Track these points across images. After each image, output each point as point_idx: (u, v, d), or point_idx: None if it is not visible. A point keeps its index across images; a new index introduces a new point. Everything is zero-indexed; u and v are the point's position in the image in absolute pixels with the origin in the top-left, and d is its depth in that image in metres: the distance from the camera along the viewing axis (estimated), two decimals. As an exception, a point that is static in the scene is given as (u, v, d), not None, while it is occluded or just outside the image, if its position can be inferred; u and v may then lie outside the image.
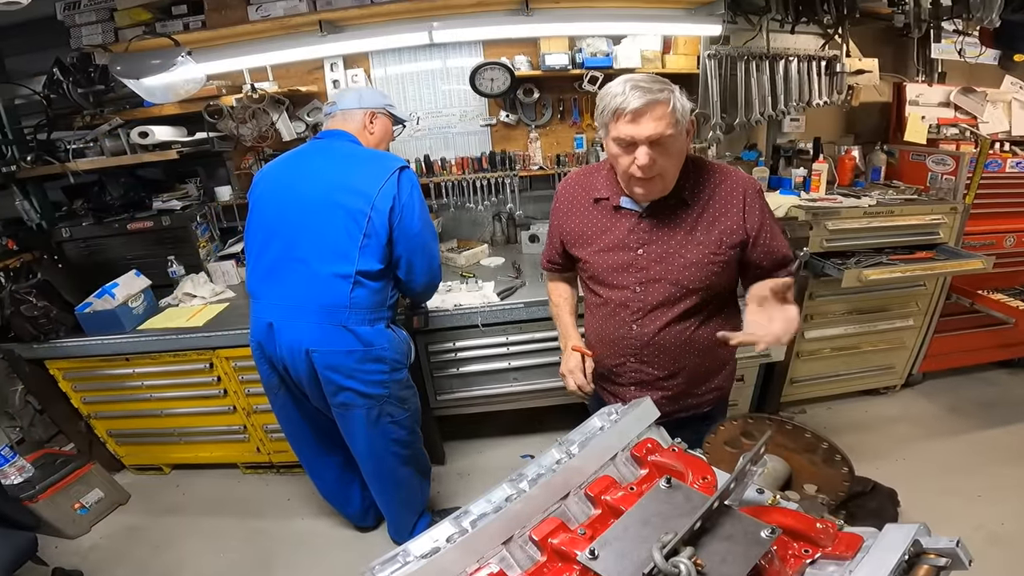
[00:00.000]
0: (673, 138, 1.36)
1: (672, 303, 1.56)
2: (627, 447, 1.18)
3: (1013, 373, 3.61)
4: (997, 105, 3.27)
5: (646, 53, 3.02)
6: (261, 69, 3.05)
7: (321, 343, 2.00)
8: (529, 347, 2.79)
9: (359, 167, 1.97)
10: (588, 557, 0.84)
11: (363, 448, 2.24)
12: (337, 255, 1.94)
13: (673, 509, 0.94)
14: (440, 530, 0.99)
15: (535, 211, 3.53)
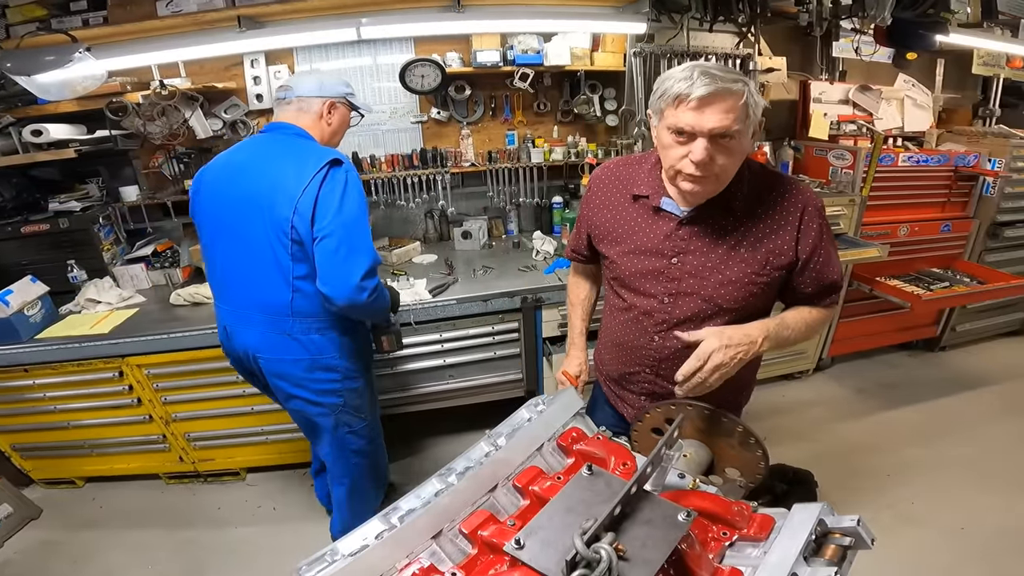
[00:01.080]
0: (739, 135, 1.19)
1: (701, 320, 1.39)
2: (553, 437, 1.20)
3: (912, 355, 3.93)
4: (891, 102, 3.55)
5: (576, 51, 3.07)
6: (172, 65, 2.87)
7: (267, 350, 1.93)
8: (464, 343, 2.78)
9: (289, 166, 1.77)
10: (514, 547, 0.84)
11: (327, 455, 2.20)
12: (272, 262, 1.80)
13: (595, 496, 0.96)
14: (369, 527, 0.96)
15: (468, 208, 3.52)
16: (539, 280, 2.80)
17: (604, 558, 0.78)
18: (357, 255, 1.75)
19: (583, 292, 1.77)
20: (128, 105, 2.76)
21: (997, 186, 3.33)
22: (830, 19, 2.72)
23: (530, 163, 3.31)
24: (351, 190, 1.76)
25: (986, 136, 3.39)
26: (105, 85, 2.55)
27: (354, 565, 0.85)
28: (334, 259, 1.72)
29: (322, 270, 1.74)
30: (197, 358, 2.49)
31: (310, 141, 1.88)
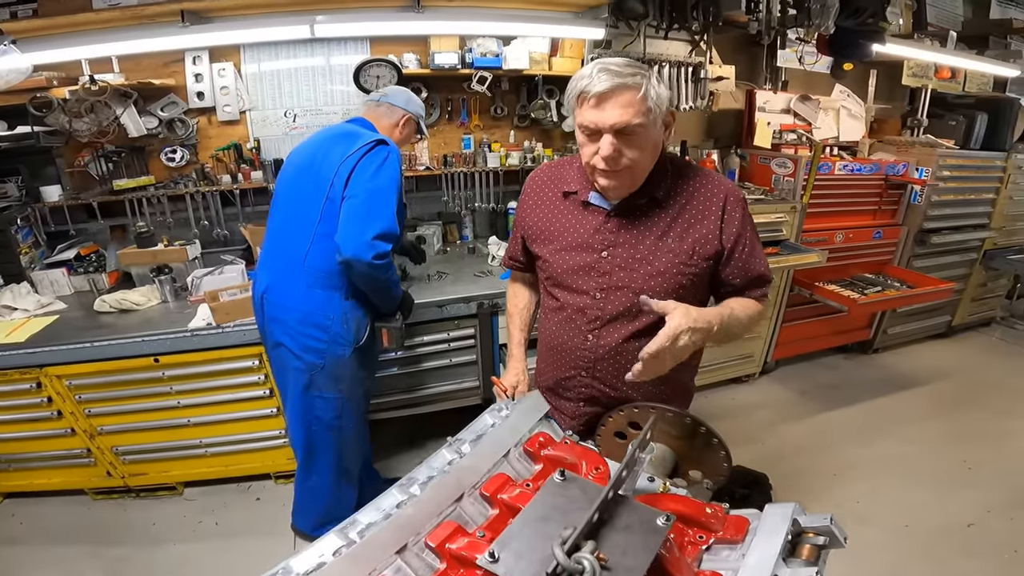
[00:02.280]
0: (644, 129, 1.20)
1: (633, 316, 1.38)
2: (519, 442, 1.13)
3: (848, 357, 4.10)
4: (828, 112, 3.71)
5: (534, 55, 3.05)
6: (105, 60, 2.66)
7: (273, 291, 2.04)
8: (419, 351, 2.68)
9: (346, 141, 2.00)
10: (488, 560, 0.77)
11: (288, 416, 2.21)
12: (303, 217, 1.97)
13: (570, 502, 0.90)
14: (326, 543, 0.87)
15: (422, 212, 3.43)
16: (495, 285, 2.74)
17: (587, 568, 0.72)
18: (376, 216, 1.89)
19: (521, 301, 1.73)
20: (54, 101, 2.56)
21: (924, 194, 3.53)
22: (778, 28, 2.81)
23: (486, 167, 3.25)
24: (389, 166, 1.95)
25: (914, 146, 3.60)
26: (29, 80, 2.35)
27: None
28: (354, 215, 1.88)
29: (341, 223, 1.89)
30: (126, 368, 2.30)
31: (374, 132, 2.09)
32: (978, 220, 3.89)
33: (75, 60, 2.55)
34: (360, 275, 1.93)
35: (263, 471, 2.74)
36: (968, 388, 3.66)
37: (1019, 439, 3.10)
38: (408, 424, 2.98)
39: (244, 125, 3.08)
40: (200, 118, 3.00)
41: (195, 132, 2.99)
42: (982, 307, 4.38)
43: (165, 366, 2.33)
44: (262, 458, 2.67)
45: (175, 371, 2.36)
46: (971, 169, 3.70)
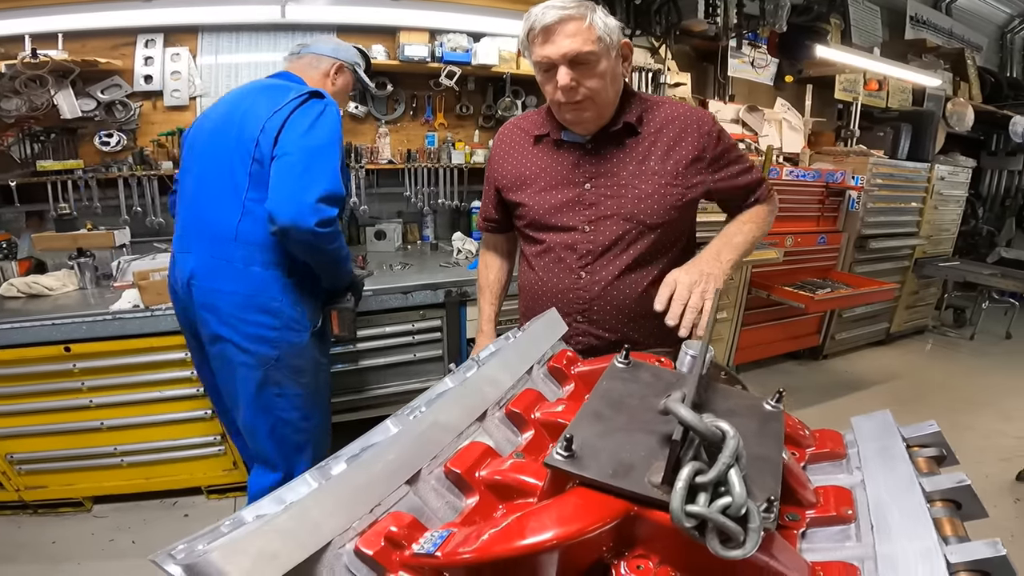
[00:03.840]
0: (596, 57, 1.17)
1: (627, 244, 1.30)
2: (542, 360, 0.88)
3: (801, 363, 4.09)
4: (771, 123, 3.79)
5: (504, 53, 2.94)
6: (51, 37, 2.35)
7: (202, 276, 1.63)
8: (380, 343, 2.37)
9: (271, 94, 1.65)
10: (562, 457, 0.50)
11: (245, 423, 1.74)
12: (227, 182, 1.60)
13: (645, 388, 0.66)
14: (304, 477, 0.59)
15: (381, 211, 3.15)
16: (464, 275, 2.49)
17: (730, 434, 0.47)
18: (316, 175, 1.53)
19: (492, 273, 1.61)
20: (-17, 76, 2.21)
21: (861, 201, 3.62)
22: (735, 29, 2.83)
23: (451, 164, 3.05)
24: (326, 120, 1.61)
25: (849, 155, 3.71)
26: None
27: (275, 528, 0.48)
28: (288, 175, 1.51)
29: (272, 186, 1.52)
30: (27, 358, 1.88)
31: (303, 84, 1.75)
32: (908, 228, 4.05)
33: (18, 34, 2.28)
34: (302, 246, 1.56)
35: (192, 484, 2.29)
36: (914, 388, 3.69)
37: (970, 433, 3.09)
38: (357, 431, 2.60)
39: (193, 112, 2.75)
40: (144, 102, 2.67)
41: (137, 116, 2.65)
42: (916, 315, 4.51)
43: (77, 356, 1.93)
44: (191, 469, 2.24)
45: (89, 363, 1.95)
46: (900, 179, 3.87)
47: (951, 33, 5.15)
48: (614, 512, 0.47)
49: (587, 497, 0.48)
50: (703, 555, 0.48)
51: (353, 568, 0.50)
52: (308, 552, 0.47)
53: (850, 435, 0.81)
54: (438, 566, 0.46)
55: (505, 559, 0.44)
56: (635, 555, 0.49)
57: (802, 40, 3.04)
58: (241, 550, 0.43)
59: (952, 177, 4.22)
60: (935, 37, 4.84)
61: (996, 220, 5.37)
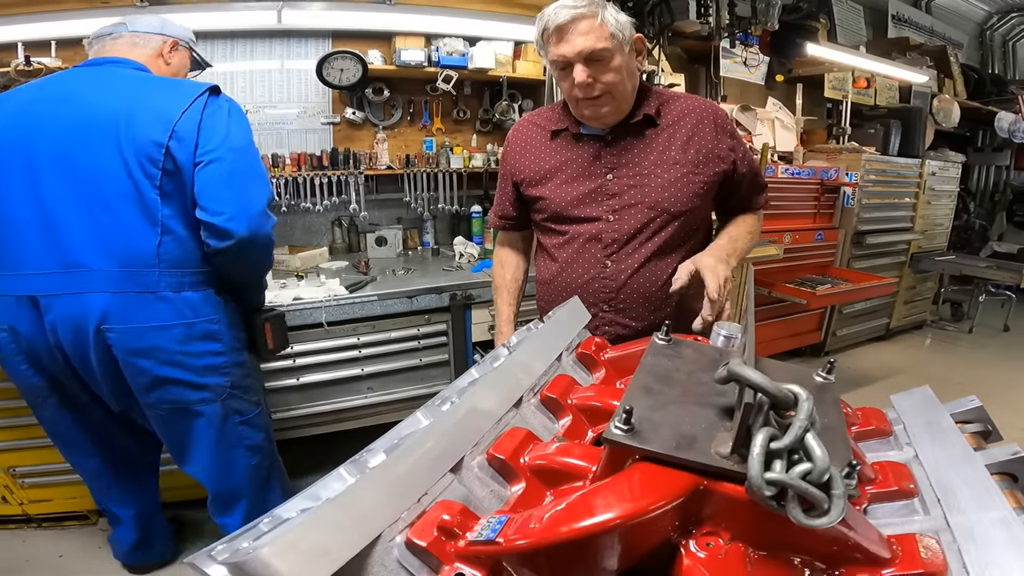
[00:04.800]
0: (610, 53, 1.19)
1: (652, 232, 1.31)
2: (570, 348, 0.84)
3: (803, 361, 4.02)
4: (764, 122, 3.79)
5: (499, 57, 2.93)
6: (43, 45, 2.32)
7: (121, 318, 1.36)
8: (386, 348, 2.32)
9: (153, 91, 1.40)
10: (621, 431, 0.46)
11: (206, 462, 1.56)
12: (130, 199, 1.33)
13: (690, 363, 0.63)
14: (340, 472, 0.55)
15: (380, 217, 3.11)
16: (467, 278, 2.45)
17: (803, 396, 0.44)
18: (257, 180, 1.42)
19: (509, 272, 1.58)
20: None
21: (856, 197, 3.62)
22: (727, 28, 2.84)
23: (449, 168, 3.02)
24: (238, 118, 1.45)
25: (842, 152, 3.72)
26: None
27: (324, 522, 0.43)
28: (229, 184, 1.35)
29: (212, 197, 1.34)
30: None
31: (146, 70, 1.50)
32: (903, 224, 4.05)
33: (10, 42, 2.25)
34: (254, 258, 1.43)
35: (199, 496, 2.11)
36: (917, 383, 3.40)
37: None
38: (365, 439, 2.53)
39: (186, 119, 2.70)
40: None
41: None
42: (914, 310, 4.51)
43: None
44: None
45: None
46: (892, 174, 3.88)
47: (932, 31, 5.23)
48: (683, 486, 0.43)
49: (653, 472, 0.45)
50: (778, 528, 0.45)
51: (405, 562, 0.46)
52: (359, 547, 0.43)
53: (892, 413, 0.79)
54: (499, 553, 0.42)
55: (571, 541, 0.40)
56: (703, 533, 0.45)
57: (793, 38, 3.07)
58: (291, 546, 0.39)
59: (943, 172, 4.25)
60: (917, 35, 4.91)
61: (987, 215, 5.41)
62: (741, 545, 0.45)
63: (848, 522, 0.46)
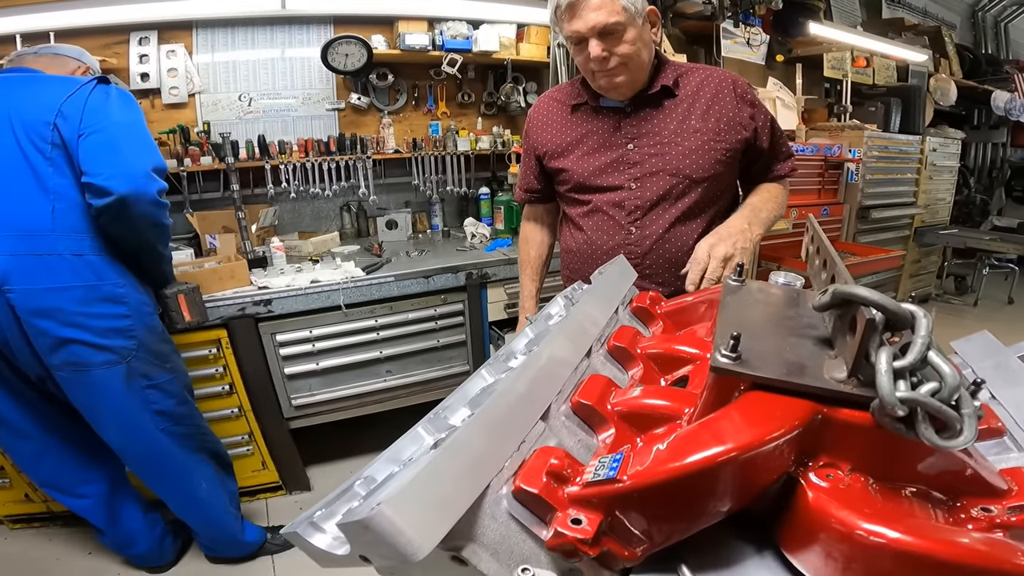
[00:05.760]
0: (622, 26, 1.20)
1: (675, 197, 1.30)
2: (625, 302, 0.81)
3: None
4: (765, 102, 3.74)
5: (503, 40, 2.87)
6: (42, 36, 2.23)
7: (20, 279, 1.41)
8: (403, 330, 2.29)
9: (45, 84, 1.51)
10: (730, 359, 0.44)
11: (115, 427, 1.59)
12: (22, 170, 1.42)
13: (769, 299, 0.61)
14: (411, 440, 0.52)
15: (388, 202, 3.07)
16: (481, 257, 2.42)
17: (920, 313, 0.41)
18: (141, 147, 1.48)
19: (534, 248, 1.61)
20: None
21: (860, 173, 3.60)
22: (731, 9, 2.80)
23: (457, 151, 2.98)
24: (123, 99, 1.53)
25: (844, 130, 3.69)
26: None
27: (437, 474, 0.40)
28: (109, 149, 1.41)
29: (92, 161, 1.40)
30: None
31: None
32: (906, 199, 4.04)
33: (9, 34, 2.19)
34: (138, 218, 1.43)
35: None
36: None
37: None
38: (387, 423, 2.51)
39: (192, 108, 2.66)
40: (142, 101, 2.53)
41: (134, 115, 2.53)
42: (919, 284, 4.50)
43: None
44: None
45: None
46: (895, 151, 3.86)
47: (925, 12, 5.20)
48: (803, 414, 0.41)
49: (770, 400, 0.42)
50: (899, 457, 0.43)
51: (515, 513, 0.43)
52: (472, 498, 0.40)
53: (956, 358, 0.76)
54: (622, 492, 0.40)
55: (701, 473, 0.38)
56: (821, 465, 0.43)
57: (795, 17, 3.03)
58: (412, 500, 0.36)
59: (943, 149, 4.23)
60: (910, 16, 4.88)
61: (986, 190, 5.41)
62: (861, 476, 0.42)
63: (968, 451, 0.44)
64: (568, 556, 0.41)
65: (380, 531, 0.34)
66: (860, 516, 0.37)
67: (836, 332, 0.49)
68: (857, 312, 0.43)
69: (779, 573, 0.43)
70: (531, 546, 0.42)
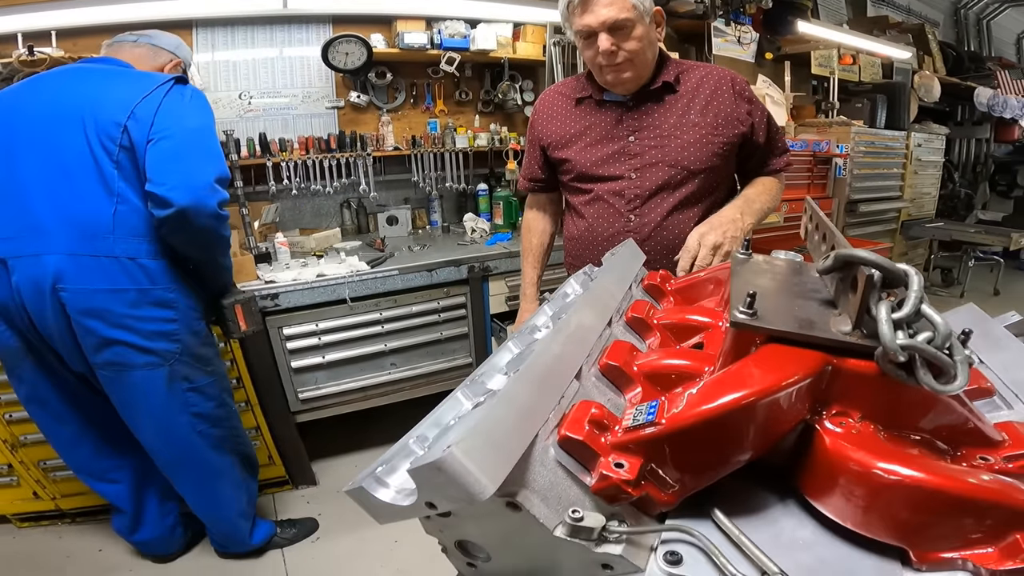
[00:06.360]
0: (631, 23, 1.26)
1: (673, 187, 1.36)
2: (637, 280, 0.86)
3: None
4: (755, 100, 3.83)
5: (500, 39, 2.92)
6: (43, 35, 2.26)
7: (74, 279, 1.41)
8: (407, 323, 2.32)
9: (123, 79, 1.51)
10: (746, 315, 0.49)
11: (151, 427, 1.61)
12: (89, 169, 1.42)
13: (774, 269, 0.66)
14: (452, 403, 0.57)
15: (388, 198, 3.10)
16: (483, 251, 2.47)
17: (912, 271, 0.46)
18: (208, 156, 1.46)
19: (536, 237, 1.67)
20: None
21: (847, 168, 3.69)
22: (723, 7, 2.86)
23: (455, 148, 3.01)
24: (199, 102, 1.53)
25: (832, 126, 3.78)
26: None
27: (496, 420, 0.44)
28: (175, 158, 1.40)
29: (157, 170, 1.38)
30: None
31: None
32: (893, 193, 4.14)
33: (10, 33, 2.20)
34: (199, 233, 1.44)
35: None
36: None
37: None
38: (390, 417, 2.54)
39: (194, 106, 2.67)
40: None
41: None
42: (903, 275, 4.60)
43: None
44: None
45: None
46: (881, 146, 3.96)
47: (909, 9, 5.31)
48: (816, 362, 0.46)
49: (784, 351, 0.47)
50: (905, 404, 0.47)
51: (561, 460, 0.47)
52: (524, 445, 0.44)
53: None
54: (660, 435, 0.44)
55: (734, 413, 0.42)
56: (833, 413, 0.48)
57: (785, 16, 3.11)
58: (477, 444, 0.39)
59: (928, 144, 4.34)
60: (895, 14, 4.98)
61: (970, 185, 5.54)
62: (870, 424, 0.47)
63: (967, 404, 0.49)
64: (611, 500, 0.45)
65: (452, 472, 0.38)
66: (875, 456, 0.41)
67: (839, 293, 0.54)
68: (857, 271, 0.48)
69: (801, 517, 0.47)
70: (576, 492, 0.46)
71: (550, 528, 0.43)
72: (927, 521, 0.40)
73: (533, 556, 0.48)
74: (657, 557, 0.43)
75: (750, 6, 2.95)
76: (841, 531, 0.44)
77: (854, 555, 0.42)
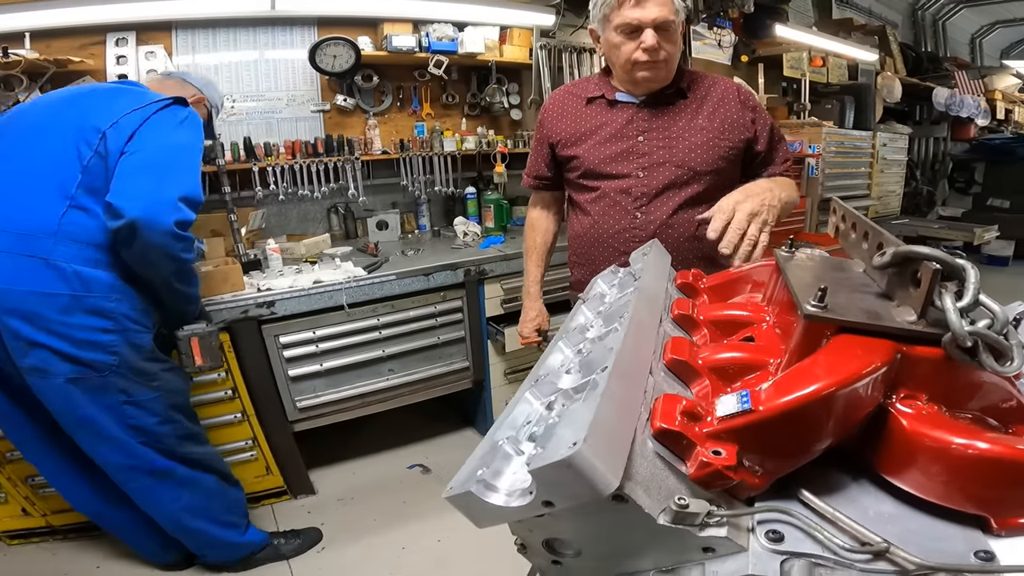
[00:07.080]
0: (674, 25, 1.31)
1: (679, 186, 1.41)
2: (670, 279, 0.89)
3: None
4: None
5: (487, 42, 2.94)
6: (15, 37, 2.16)
7: (5, 278, 1.38)
8: (405, 328, 2.32)
9: (125, 95, 1.52)
10: (818, 308, 0.52)
11: (85, 436, 1.53)
12: (47, 169, 1.41)
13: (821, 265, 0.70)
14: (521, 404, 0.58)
15: (376, 202, 3.07)
16: (477, 254, 2.48)
17: (968, 264, 0.50)
18: (178, 173, 1.42)
19: (539, 236, 1.70)
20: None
21: (819, 167, 3.84)
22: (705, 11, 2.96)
23: (444, 151, 3.02)
24: (190, 125, 1.52)
25: (804, 127, 3.92)
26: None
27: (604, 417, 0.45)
28: (141, 170, 1.38)
29: (121, 179, 1.36)
30: None
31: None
32: (861, 191, 4.32)
33: None
34: (151, 252, 1.37)
35: None
36: None
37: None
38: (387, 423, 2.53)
39: (173, 110, 2.60)
40: (119, 102, 2.48)
41: (108, 118, 2.46)
42: (872, 271, 4.80)
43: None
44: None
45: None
46: (849, 146, 4.13)
47: (870, 12, 5.56)
48: (889, 351, 0.49)
49: (859, 340, 0.50)
50: (965, 386, 0.51)
51: (659, 451, 0.49)
52: (629, 438, 0.46)
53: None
54: (758, 420, 0.46)
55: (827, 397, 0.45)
56: (902, 396, 0.51)
57: (764, 20, 3.23)
58: (597, 440, 0.40)
59: (892, 143, 4.55)
60: (857, 15, 5.21)
61: (930, 182, 5.83)
62: (935, 405, 0.51)
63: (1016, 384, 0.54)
64: (708, 486, 0.48)
65: (580, 468, 0.39)
66: (952, 433, 0.45)
67: (893, 286, 0.58)
68: (921, 266, 0.52)
69: (877, 495, 0.50)
70: (674, 481, 0.48)
71: (655, 517, 0.45)
72: (1005, 490, 0.44)
73: (626, 546, 0.50)
74: (758, 536, 0.46)
75: (732, 10, 3.06)
76: (919, 504, 0.48)
77: (937, 525, 0.46)
